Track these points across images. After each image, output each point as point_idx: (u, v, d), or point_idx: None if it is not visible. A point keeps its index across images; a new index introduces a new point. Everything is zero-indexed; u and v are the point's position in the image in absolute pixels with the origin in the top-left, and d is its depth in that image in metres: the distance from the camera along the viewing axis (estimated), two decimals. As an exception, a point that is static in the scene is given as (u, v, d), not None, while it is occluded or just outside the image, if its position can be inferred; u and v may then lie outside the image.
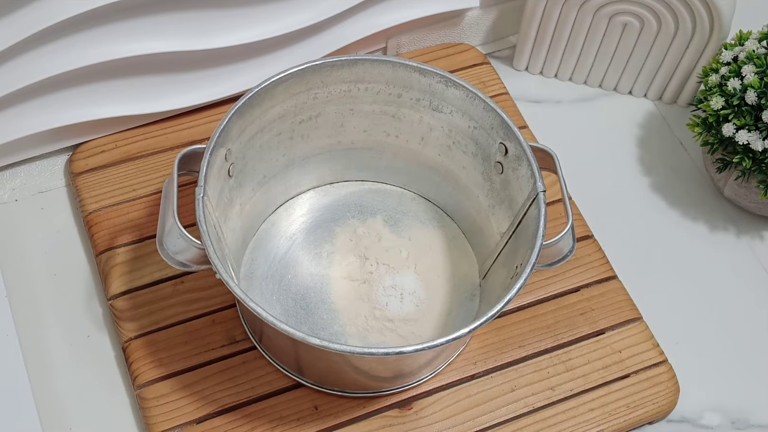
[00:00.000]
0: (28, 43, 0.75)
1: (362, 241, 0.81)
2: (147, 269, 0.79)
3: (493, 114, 0.72)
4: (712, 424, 0.79)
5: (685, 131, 0.95)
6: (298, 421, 0.73)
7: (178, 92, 0.86)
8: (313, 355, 0.68)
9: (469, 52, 0.96)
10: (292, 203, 0.83)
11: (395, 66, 0.73)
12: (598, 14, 0.90)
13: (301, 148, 0.79)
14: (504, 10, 0.97)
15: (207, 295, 0.78)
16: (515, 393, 0.76)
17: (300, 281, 0.79)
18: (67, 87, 0.81)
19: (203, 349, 0.76)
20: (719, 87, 0.83)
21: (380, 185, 0.85)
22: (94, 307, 0.80)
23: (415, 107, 0.77)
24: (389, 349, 0.62)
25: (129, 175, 0.84)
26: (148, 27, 0.79)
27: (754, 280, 0.87)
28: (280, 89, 0.72)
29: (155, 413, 0.73)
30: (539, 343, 0.79)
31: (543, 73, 0.98)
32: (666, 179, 0.92)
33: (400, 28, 0.93)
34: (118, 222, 0.82)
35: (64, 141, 0.86)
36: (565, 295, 0.81)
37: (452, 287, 0.79)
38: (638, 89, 0.97)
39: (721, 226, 0.89)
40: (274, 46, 0.87)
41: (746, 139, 0.80)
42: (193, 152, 0.69)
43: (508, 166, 0.73)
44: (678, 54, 0.91)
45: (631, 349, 0.79)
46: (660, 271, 0.86)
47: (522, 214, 0.71)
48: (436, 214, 0.84)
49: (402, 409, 0.75)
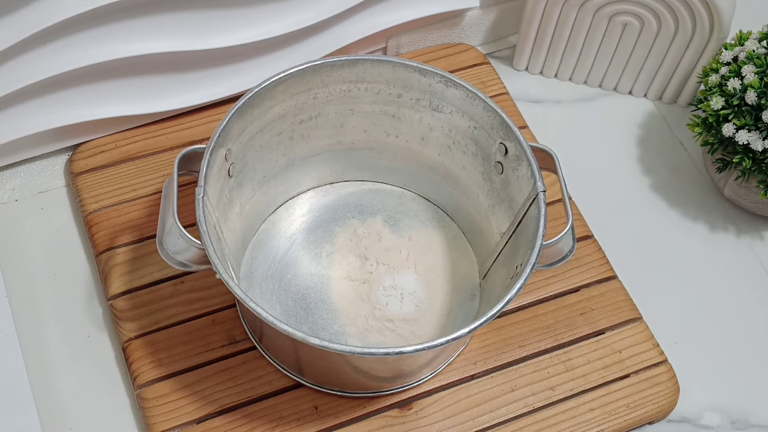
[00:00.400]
0: (28, 43, 0.75)
1: (362, 241, 0.81)
2: (147, 269, 0.79)
3: (493, 114, 0.72)
4: (712, 424, 0.79)
5: (685, 131, 0.95)
6: (298, 421, 0.73)
7: (178, 92, 0.86)
8: (313, 355, 0.68)
9: (469, 52, 0.96)
10: (292, 203, 0.83)
11: (395, 66, 0.73)
12: (598, 14, 0.90)
13: (301, 148, 0.79)
14: (504, 10, 0.97)
15: (207, 295, 0.78)
16: (515, 393, 0.76)
17: (300, 281, 0.79)
18: (67, 87, 0.81)
19: (203, 349, 0.76)
20: (719, 87, 0.83)
21: (380, 185, 0.85)
22: (94, 307, 0.80)
23: (415, 107, 0.76)
24: (389, 349, 0.62)
25: (129, 175, 0.84)
26: (148, 27, 0.79)
27: (754, 280, 0.87)
28: (280, 89, 0.72)
29: (155, 413, 0.73)
30: (539, 343, 0.79)
31: (543, 73, 0.98)
32: (666, 179, 0.92)
33: (400, 28, 0.93)
34: (118, 222, 0.82)
35: (64, 141, 0.86)
36: (565, 295, 0.81)
37: (452, 287, 0.79)
38: (638, 89, 0.97)
39: (721, 226, 0.89)
40: (274, 46, 0.87)
41: (746, 139, 0.80)
42: (193, 152, 0.69)
43: (508, 166, 0.73)
44: (678, 54, 0.91)
45: (631, 349, 0.79)
46: (660, 271, 0.86)
47: (522, 214, 0.71)
48: (436, 214, 0.84)
49: (402, 409, 0.75)
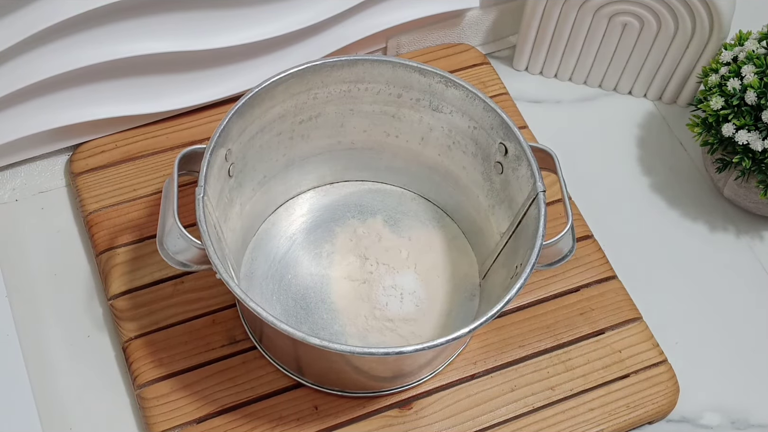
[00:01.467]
0: (28, 43, 0.75)
1: (362, 241, 0.81)
2: (147, 269, 0.79)
3: (493, 114, 0.72)
4: (712, 424, 0.79)
5: (684, 131, 0.95)
6: (298, 421, 0.73)
7: (178, 92, 0.86)
8: (313, 355, 0.68)
9: (469, 52, 0.96)
10: (292, 203, 0.83)
11: (395, 66, 0.73)
12: (598, 14, 0.90)
13: (301, 148, 0.79)
14: (504, 10, 0.97)
15: (207, 295, 0.78)
16: (515, 393, 0.76)
17: (300, 281, 0.79)
18: (67, 87, 0.81)
19: (203, 349, 0.76)
20: (719, 87, 0.83)
21: (380, 185, 0.85)
22: (94, 307, 0.80)
23: (415, 107, 0.76)
24: (389, 349, 0.62)
25: (129, 175, 0.84)
26: (148, 27, 0.79)
27: (754, 280, 0.87)
28: (280, 89, 0.72)
29: (155, 413, 0.73)
30: (539, 343, 0.79)
31: (543, 73, 0.98)
32: (666, 179, 0.92)
33: (400, 28, 0.93)
34: (119, 222, 0.82)
35: (64, 141, 0.86)
36: (565, 295, 0.81)
37: (452, 287, 0.79)
38: (638, 89, 0.97)
39: (720, 226, 0.89)
40: (274, 46, 0.87)
41: (746, 139, 0.80)
42: (193, 152, 0.69)
43: (508, 166, 0.73)
44: (678, 54, 0.91)
45: (630, 349, 0.79)
46: (660, 271, 0.86)
47: (522, 214, 0.71)
48: (436, 214, 0.84)
49: (402, 409, 0.75)
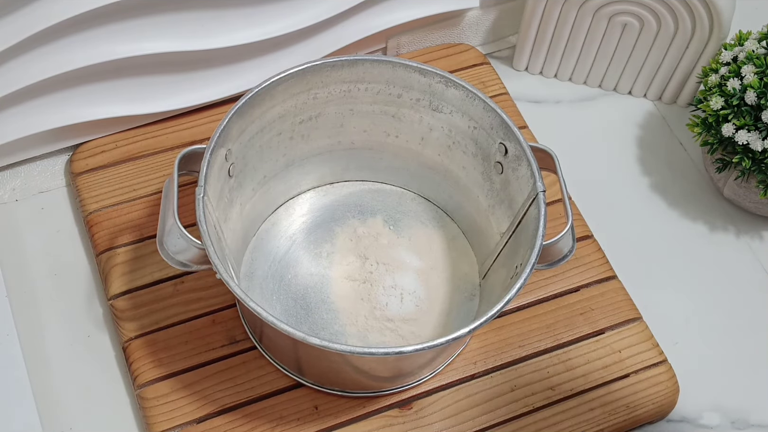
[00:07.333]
0: (28, 43, 0.75)
1: (362, 241, 0.81)
2: (147, 269, 0.79)
3: (493, 114, 0.72)
4: (712, 424, 0.79)
5: (684, 131, 0.95)
6: (298, 421, 0.73)
7: (178, 92, 0.86)
8: (313, 355, 0.68)
9: (469, 52, 0.96)
10: (292, 203, 0.83)
11: (395, 66, 0.74)
12: (597, 14, 0.90)
13: (301, 148, 0.79)
14: (504, 10, 0.97)
15: (207, 295, 0.78)
16: (515, 393, 0.76)
17: (300, 281, 0.79)
18: (67, 87, 0.81)
19: (203, 349, 0.76)
20: (719, 87, 0.83)
21: (380, 185, 0.85)
22: (94, 307, 0.80)
23: (415, 107, 0.77)
24: (389, 349, 0.62)
25: (129, 175, 0.84)
26: (147, 27, 0.79)
27: (754, 280, 0.87)
28: (280, 89, 0.72)
29: (155, 413, 0.73)
30: (539, 343, 0.79)
31: (543, 74, 0.98)
32: (666, 179, 0.92)
33: (400, 28, 0.93)
34: (119, 222, 0.82)
35: (64, 141, 0.86)
36: (565, 295, 0.81)
37: (452, 287, 0.79)
38: (638, 89, 0.97)
39: (720, 226, 0.89)
40: (274, 46, 0.87)
41: (746, 139, 0.80)
42: (193, 152, 0.69)
43: (508, 166, 0.73)
44: (678, 54, 0.91)
45: (630, 348, 0.79)
46: (660, 271, 0.86)
47: (522, 214, 0.71)
48: (436, 214, 0.84)
49: (402, 409, 0.75)
